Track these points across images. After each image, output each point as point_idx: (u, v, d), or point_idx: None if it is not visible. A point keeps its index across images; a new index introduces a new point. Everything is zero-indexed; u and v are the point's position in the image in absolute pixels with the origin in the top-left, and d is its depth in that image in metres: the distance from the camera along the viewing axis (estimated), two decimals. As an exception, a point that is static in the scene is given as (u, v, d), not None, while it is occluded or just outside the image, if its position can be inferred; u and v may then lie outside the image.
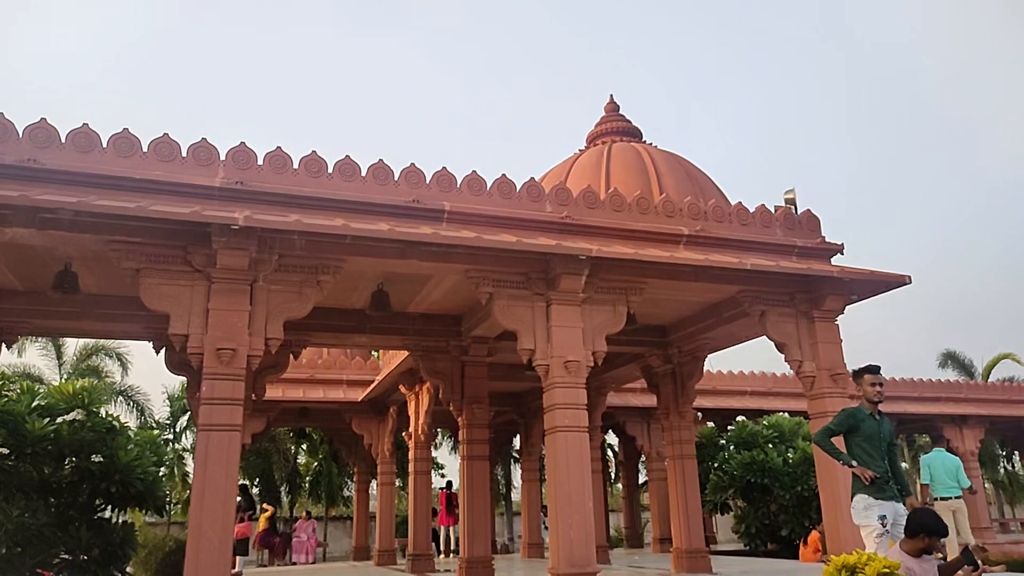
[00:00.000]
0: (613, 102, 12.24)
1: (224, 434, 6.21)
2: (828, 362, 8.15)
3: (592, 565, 6.97)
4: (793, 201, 9.27)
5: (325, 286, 6.98)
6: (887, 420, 5.44)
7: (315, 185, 7.15)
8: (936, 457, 9.48)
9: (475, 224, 7.49)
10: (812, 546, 12.41)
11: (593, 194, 8.16)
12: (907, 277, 8.31)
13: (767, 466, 14.37)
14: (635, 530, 20.79)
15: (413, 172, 7.55)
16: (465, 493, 10.10)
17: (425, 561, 12.21)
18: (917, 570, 4.28)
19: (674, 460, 10.95)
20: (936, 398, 19.80)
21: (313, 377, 14.45)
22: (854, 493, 5.17)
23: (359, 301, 9.02)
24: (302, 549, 18.66)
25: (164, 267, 6.49)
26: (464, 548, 9.97)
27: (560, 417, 7.22)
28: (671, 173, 10.21)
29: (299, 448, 25.36)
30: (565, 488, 7.04)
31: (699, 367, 11.06)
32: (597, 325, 7.64)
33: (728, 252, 8.21)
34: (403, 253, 7.02)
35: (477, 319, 9.38)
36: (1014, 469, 31.89)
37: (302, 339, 9.61)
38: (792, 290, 8.38)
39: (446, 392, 10.28)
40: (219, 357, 6.29)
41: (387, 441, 14.86)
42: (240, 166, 6.95)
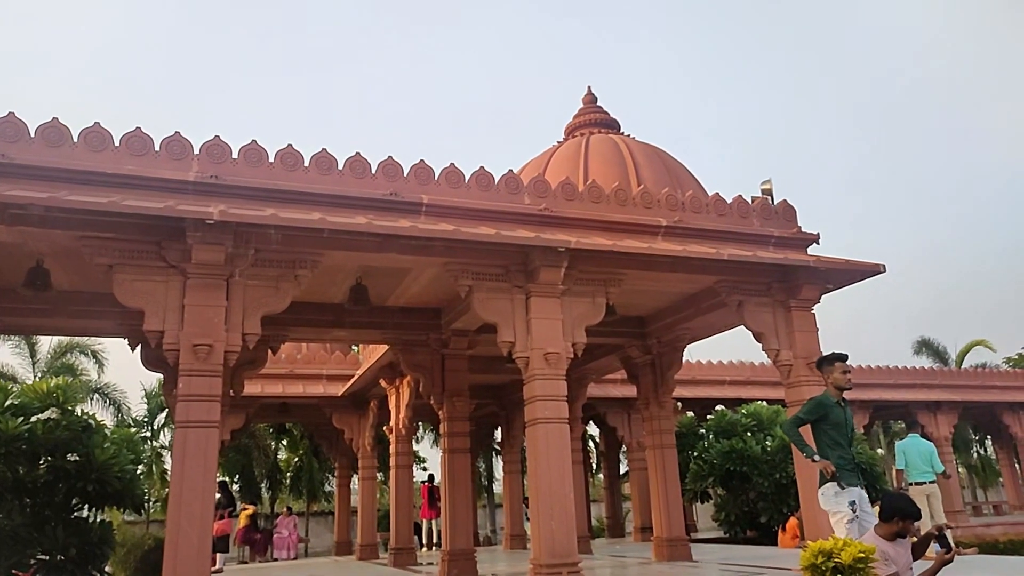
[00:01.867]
0: (591, 94, 12.24)
1: (202, 431, 6.16)
2: (805, 350, 8.24)
3: (574, 556, 7.01)
4: (770, 192, 9.34)
5: (303, 280, 6.93)
6: (850, 408, 5.55)
7: (291, 179, 7.08)
8: (911, 443, 9.64)
9: (454, 217, 7.47)
10: (790, 532, 12.59)
11: (571, 186, 8.16)
12: (881, 266, 8.43)
13: (746, 454, 14.52)
14: (616, 520, 20.94)
15: (390, 165, 7.51)
16: (447, 486, 10.10)
17: (407, 555, 12.21)
18: (892, 553, 4.35)
19: (654, 450, 11.03)
20: (911, 385, 20.13)
21: (292, 372, 14.36)
22: (823, 480, 5.24)
23: (338, 295, 8.97)
24: (283, 545, 18.57)
25: (138, 263, 6.40)
26: (446, 541, 9.98)
27: (540, 409, 7.24)
28: (649, 164, 10.25)
29: (279, 444, 25.23)
30: (546, 480, 7.07)
31: (678, 357, 11.13)
32: (576, 317, 7.67)
33: (706, 243, 8.26)
34: (381, 246, 6.99)
35: (457, 312, 9.37)
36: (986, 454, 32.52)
37: (280, 334, 9.53)
38: (769, 280, 8.45)
39: (426, 385, 10.26)
40: (195, 353, 6.23)
41: (368, 435, 14.82)
42: (215, 160, 6.87)
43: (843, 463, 5.16)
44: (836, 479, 5.11)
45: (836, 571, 3.93)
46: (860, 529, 4.88)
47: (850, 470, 5.16)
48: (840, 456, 5.18)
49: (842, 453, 5.20)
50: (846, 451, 5.24)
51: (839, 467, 5.14)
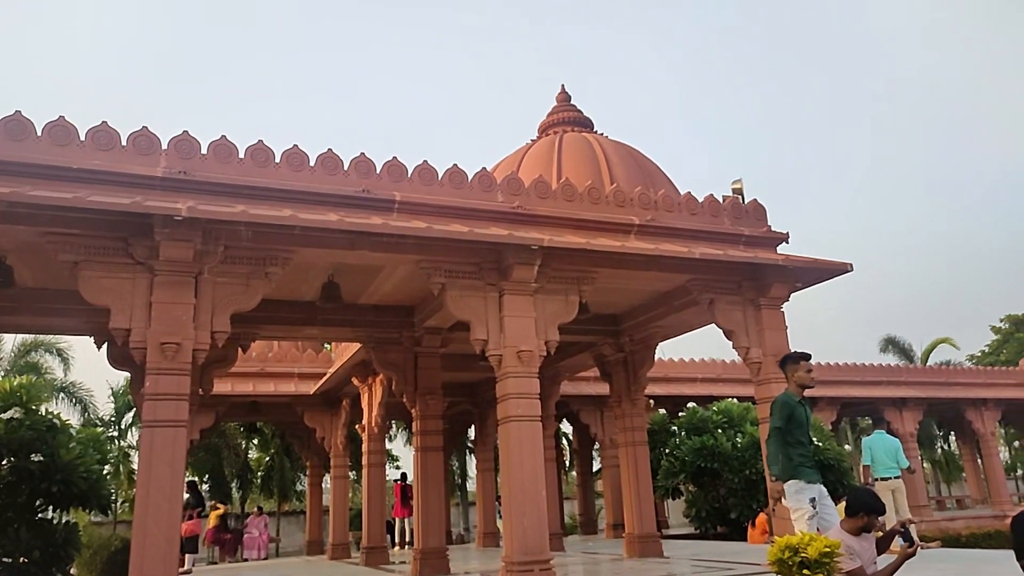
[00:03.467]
0: (565, 92, 12.28)
1: (169, 430, 6.07)
2: (774, 348, 8.34)
3: (545, 553, 7.03)
4: (741, 191, 9.44)
5: (273, 278, 6.86)
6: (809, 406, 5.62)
7: (262, 175, 7.00)
8: (877, 439, 9.81)
9: (426, 214, 7.44)
10: (760, 528, 12.74)
11: (545, 184, 8.18)
12: (849, 265, 8.56)
13: (717, 451, 14.66)
14: (589, 517, 21.05)
15: (363, 162, 7.46)
16: (419, 484, 10.08)
17: (380, 553, 12.16)
18: (857, 548, 4.42)
19: (626, 447, 11.11)
20: (877, 382, 20.51)
21: (263, 370, 14.23)
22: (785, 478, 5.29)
23: (309, 293, 8.90)
24: (254, 545, 18.39)
25: (104, 259, 6.29)
26: (418, 539, 9.96)
27: (513, 407, 7.25)
28: (622, 163, 10.31)
29: (250, 443, 24.98)
30: (518, 477, 7.08)
31: (651, 355, 11.22)
32: (549, 315, 7.69)
33: (678, 241, 8.33)
34: (353, 244, 6.94)
35: (430, 310, 9.34)
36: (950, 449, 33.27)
37: (251, 332, 9.45)
38: (739, 278, 8.55)
39: (399, 384, 10.22)
40: (163, 351, 6.14)
41: (340, 434, 14.73)
42: (183, 155, 6.77)
43: (804, 460, 5.23)
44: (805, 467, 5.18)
45: (803, 566, 3.99)
46: (820, 525, 4.96)
47: (811, 467, 5.23)
48: (801, 454, 5.25)
49: (803, 451, 5.27)
50: (807, 448, 5.31)
51: (800, 464, 5.20)
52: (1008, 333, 40.15)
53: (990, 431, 22.02)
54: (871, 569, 4.48)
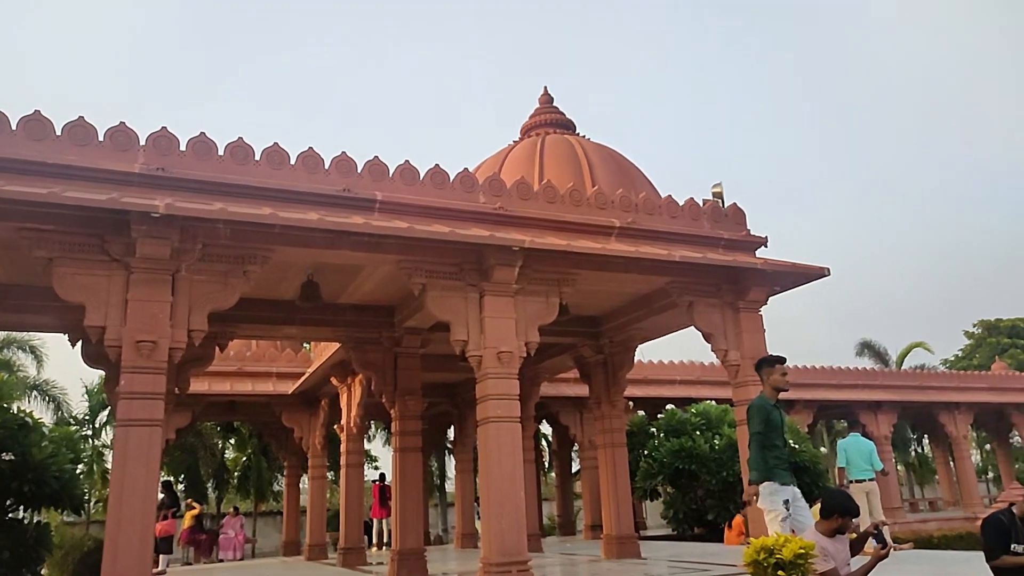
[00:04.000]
0: (547, 94, 12.30)
1: (144, 429, 6.00)
2: (752, 351, 8.40)
3: (523, 554, 7.04)
4: (720, 195, 9.52)
5: (252, 276, 6.81)
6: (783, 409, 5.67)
7: (241, 173, 6.95)
8: (852, 441, 9.91)
9: (407, 214, 7.42)
10: (736, 530, 12.83)
11: (526, 185, 8.19)
12: (826, 269, 8.66)
13: (694, 453, 14.75)
14: (568, 518, 21.09)
15: (344, 161, 7.43)
16: (398, 485, 10.04)
17: (357, 554, 12.10)
18: (831, 549, 4.47)
19: (605, 448, 11.14)
20: (853, 385, 20.75)
21: (241, 370, 14.11)
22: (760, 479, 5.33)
23: (288, 292, 8.84)
24: (229, 546, 18.21)
25: (79, 256, 6.21)
26: (396, 540, 9.92)
27: (493, 408, 7.25)
28: (603, 165, 10.35)
29: (227, 443, 24.74)
30: (497, 478, 7.08)
31: (630, 357, 11.27)
32: (530, 316, 7.70)
33: (658, 244, 8.37)
34: (333, 243, 6.91)
35: (410, 310, 9.32)
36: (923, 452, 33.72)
37: (228, 331, 9.36)
38: (719, 281, 8.61)
39: (378, 384, 10.18)
40: (138, 350, 6.07)
41: (318, 434, 14.64)
42: (161, 152, 6.70)
43: (778, 463, 5.27)
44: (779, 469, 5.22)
45: (777, 567, 4.02)
46: (793, 526, 5.00)
47: (784, 469, 5.28)
48: (775, 456, 5.29)
49: (777, 453, 5.32)
50: (781, 451, 5.36)
51: (774, 467, 5.25)
52: (981, 338, 40.83)
53: (962, 434, 22.36)
54: (845, 570, 4.53)
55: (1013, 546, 4.72)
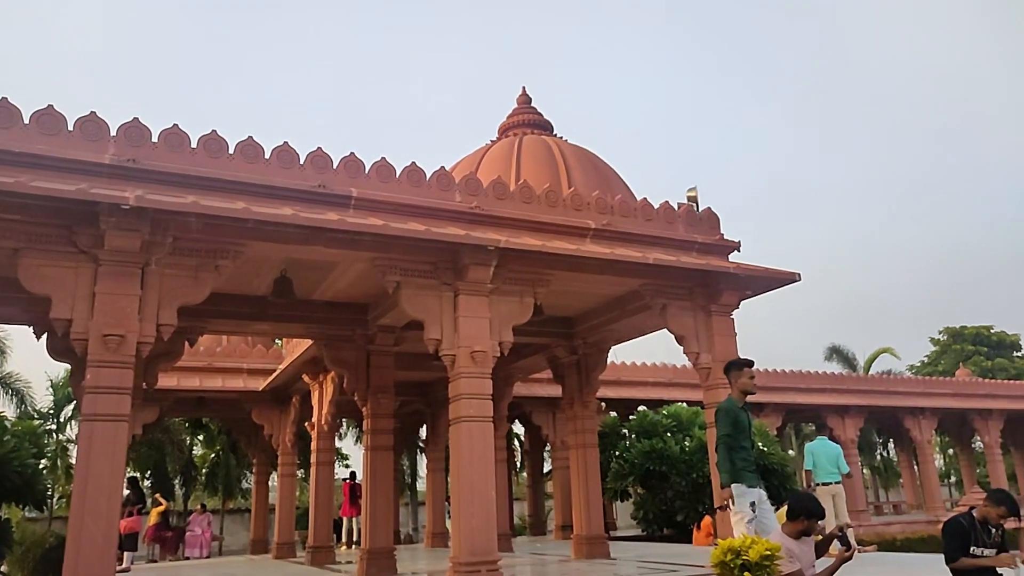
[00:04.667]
0: (525, 94, 12.32)
1: (110, 424, 5.90)
2: (723, 354, 8.48)
3: (493, 554, 7.04)
4: (695, 199, 9.60)
5: (224, 271, 6.73)
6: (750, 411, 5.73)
7: (215, 166, 6.86)
8: (819, 445, 10.05)
9: (383, 212, 7.39)
10: (705, 531, 12.95)
11: (503, 185, 8.19)
12: (797, 274, 8.78)
13: (665, 454, 14.85)
14: (539, 518, 21.13)
15: (319, 156, 7.37)
16: (368, 484, 9.98)
17: (326, 553, 12.01)
18: (796, 551, 4.54)
19: (577, 449, 11.18)
20: (821, 389, 21.04)
21: (211, 365, 13.93)
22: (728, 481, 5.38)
23: (261, 287, 8.75)
24: (196, 543, 17.99)
25: (46, 247, 6.09)
26: (366, 539, 9.86)
27: (465, 407, 7.24)
28: (580, 167, 10.39)
29: (195, 439, 24.43)
30: (468, 478, 7.08)
31: (603, 358, 11.32)
32: (504, 316, 7.70)
33: (632, 246, 8.42)
34: (307, 239, 6.85)
35: (384, 308, 9.27)
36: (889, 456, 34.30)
37: (199, 326, 9.25)
38: (692, 284, 8.68)
39: (351, 381, 10.12)
40: (105, 343, 5.96)
41: (289, 431, 14.50)
42: (133, 143, 6.59)
43: (745, 465, 5.33)
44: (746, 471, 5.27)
45: (744, 568, 4.07)
46: (759, 528, 5.06)
47: (752, 472, 5.34)
48: (743, 459, 5.35)
49: (745, 455, 5.38)
50: (748, 453, 5.43)
51: (742, 469, 5.31)
52: (946, 345, 41.63)
53: (926, 439, 22.78)
54: (810, 572, 4.60)
55: (973, 549, 4.82)
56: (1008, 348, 40.45)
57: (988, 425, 23.73)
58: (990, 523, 4.87)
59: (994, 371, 36.76)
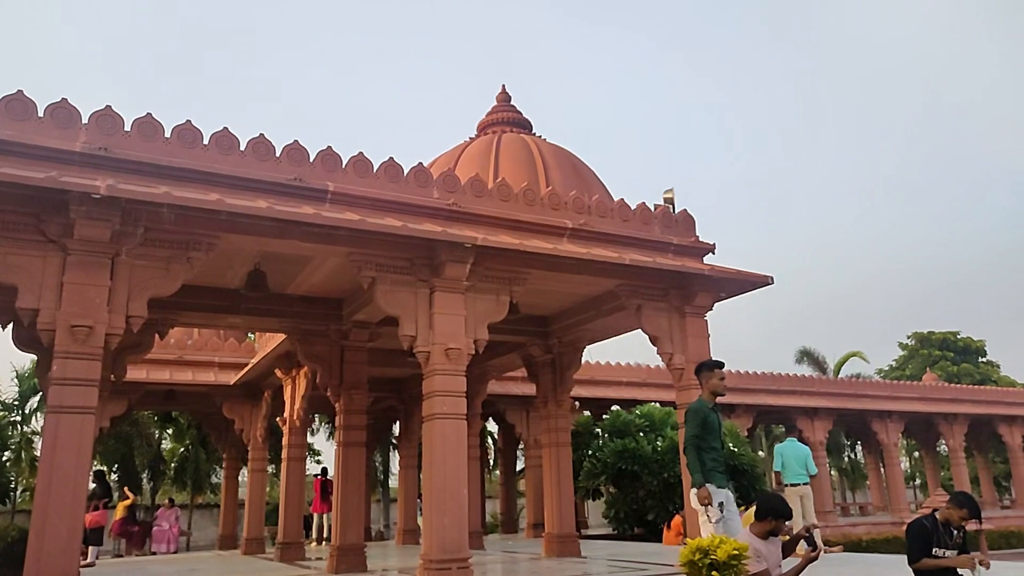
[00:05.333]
0: (505, 92, 12.32)
1: (76, 417, 5.81)
2: (696, 355, 8.55)
3: (464, 551, 7.04)
4: (671, 200, 9.67)
5: (196, 263, 6.65)
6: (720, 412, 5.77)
7: (189, 156, 6.77)
8: (788, 446, 10.17)
9: (360, 207, 7.34)
10: (675, 530, 13.05)
11: (481, 183, 8.18)
12: (770, 278, 8.88)
13: (637, 454, 14.94)
14: (511, 516, 21.15)
15: (296, 149, 7.30)
16: (340, 480, 9.93)
17: (295, 549, 11.92)
18: (764, 551, 4.59)
19: (550, 448, 11.21)
20: (792, 391, 21.30)
21: (182, 358, 13.75)
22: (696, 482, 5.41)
23: (234, 280, 8.66)
24: (163, 538, 17.76)
25: (13, 235, 5.98)
26: (336, 535, 9.80)
27: (439, 404, 7.22)
28: (558, 167, 10.41)
29: (164, 433, 24.10)
30: (440, 475, 7.07)
31: (578, 357, 11.36)
32: (480, 313, 7.69)
33: (609, 247, 8.46)
34: (282, 233, 6.79)
35: (359, 303, 9.22)
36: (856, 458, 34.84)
37: (169, 318, 9.13)
38: (667, 286, 8.74)
39: (324, 377, 10.05)
40: (73, 334, 5.87)
41: (260, 426, 14.36)
42: (105, 131, 6.48)
43: (715, 465, 5.38)
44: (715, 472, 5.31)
45: (712, 567, 4.11)
46: (725, 528, 5.10)
47: (720, 472, 5.39)
48: (712, 459, 5.40)
49: (714, 456, 5.43)
50: (718, 453, 5.47)
51: (712, 469, 5.35)
52: (913, 349, 42.37)
53: (893, 442, 23.16)
54: (776, 572, 4.66)
55: (935, 550, 4.92)
56: (974, 354, 41.27)
57: (953, 429, 24.19)
58: (952, 525, 4.97)
59: (960, 376, 37.48)
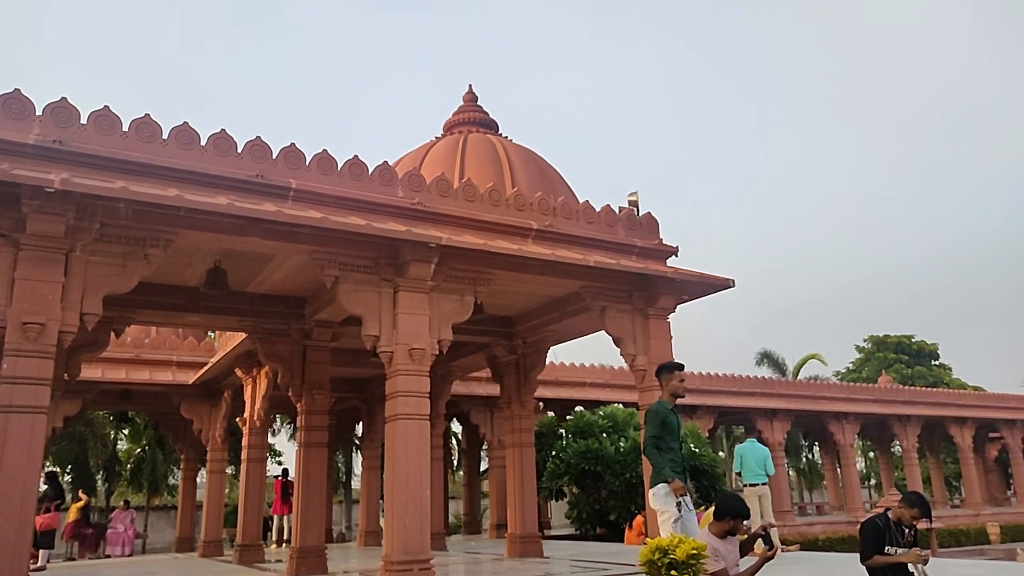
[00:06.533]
0: (472, 92, 12.29)
1: (27, 416, 5.65)
2: (659, 357, 8.60)
3: (426, 552, 7.01)
4: (636, 203, 9.75)
5: (154, 260, 6.52)
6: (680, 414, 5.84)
7: (147, 151, 6.62)
8: (748, 447, 10.32)
9: (323, 204, 7.26)
10: (636, 530, 13.16)
11: (446, 182, 8.16)
12: (731, 281, 9.00)
13: (600, 454, 15.03)
14: (474, 516, 21.14)
15: (258, 146, 7.20)
16: (301, 481, 9.81)
17: (254, 552, 11.74)
18: (722, 550, 4.66)
19: (513, 448, 11.22)
20: (752, 393, 21.64)
21: (138, 357, 13.47)
22: (656, 481, 5.48)
23: (193, 278, 8.51)
24: (118, 541, 17.35)
25: (-39, 229, 5.79)
26: (296, 537, 9.68)
27: (402, 405, 7.18)
28: (524, 167, 10.42)
29: (120, 433, 23.59)
30: (403, 476, 7.02)
31: (542, 358, 11.38)
32: (444, 314, 7.67)
33: (574, 248, 8.50)
34: (243, 230, 6.68)
35: (322, 302, 9.12)
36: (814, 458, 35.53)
37: (126, 316, 8.93)
38: (630, 288, 8.81)
39: (285, 377, 9.92)
40: (24, 332, 5.70)
41: (219, 427, 14.13)
42: (60, 123, 6.31)
43: (674, 466, 5.44)
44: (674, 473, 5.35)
45: (671, 567, 4.16)
46: (683, 528, 5.16)
47: (679, 472, 5.44)
48: (671, 460, 5.46)
49: (673, 456, 5.49)
50: (677, 454, 5.54)
51: (671, 470, 5.40)
52: (870, 352, 43.33)
53: (849, 443, 23.67)
54: (734, 570, 4.73)
55: (887, 548, 5.03)
56: (927, 357, 42.35)
57: (906, 430, 24.81)
58: (904, 524, 5.09)
59: (914, 378, 38.44)
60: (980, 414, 26.14)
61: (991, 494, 30.93)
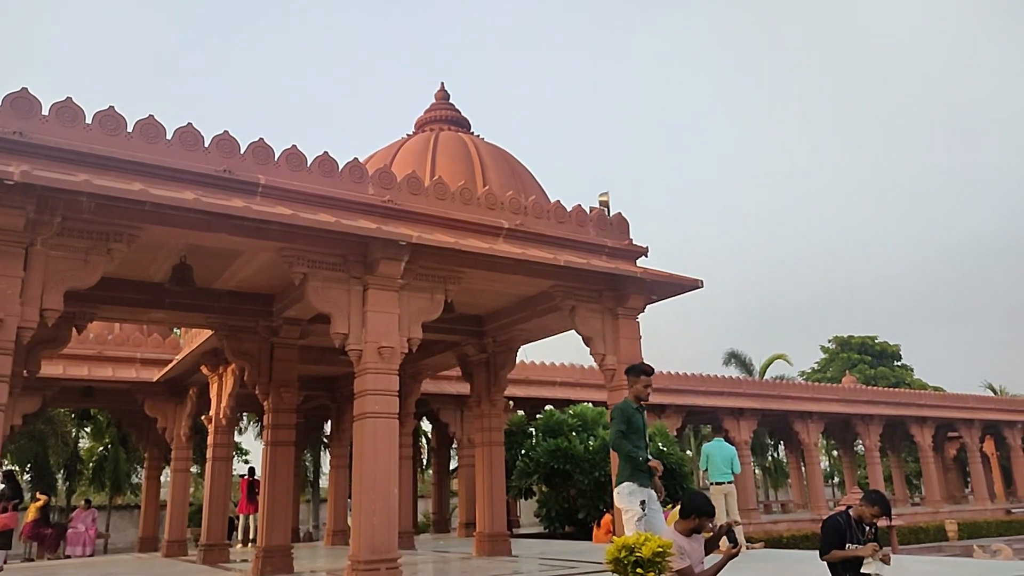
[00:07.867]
0: (444, 90, 12.26)
1: (-17, 414, 5.51)
2: (628, 356, 8.69)
3: (393, 551, 6.97)
4: (607, 203, 9.81)
5: (117, 255, 6.40)
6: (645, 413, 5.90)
7: (111, 144, 6.50)
8: (715, 446, 10.45)
9: (292, 201, 7.19)
10: (604, 528, 13.24)
11: (417, 180, 8.13)
12: (700, 281, 9.10)
13: (570, 453, 15.09)
14: (443, 515, 21.09)
15: (226, 140, 7.10)
16: (267, 480, 9.70)
17: (219, 551, 11.58)
18: (687, 548, 4.70)
19: (483, 447, 11.22)
20: (719, 392, 21.91)
21: (101, 354, 13.22)
22: (621, 480, 5.53)
23: (158, 274, 8.37)
24: (79, 541, 16.99)
25: (-84, 221, 5.63)
26: (262, 537, 9.58)
27: (371, 403, 7.14)
28: (495, 166, 10.42)
29: (81, 431, 23.13)
30: (371, 475, 6.98)
31: (512, 357, 11.39)
32: (414, 312, 7.64)
33: (544, 247, 8.52)
34: (210, 226, 6.59)
35: (290, 300, 9.03)
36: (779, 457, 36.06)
37: (88, 311, 8.75)
38: (600, 287, 8.86)
39: (252, 374, 9.80)
40: (-19, 328, 5.56)
41: (184, 425, 13.91)
42: (21, 115, 6.16)
43: (639, 464, 5.49)
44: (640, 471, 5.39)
45: (637, 564, 4.19)
46: (647, 526, 5.20)
47: (644, 471, 5.49)
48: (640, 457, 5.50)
49: (641, 455, 5.54)
50: (643, 452, 5.59)
51: (636, 468, 5.44)
52: (834, 353, 44.12)
53: (813, 442, 24.07)
54: (699, 568, 4.78)
55: (848, 545, 5.14)
56: (890, 357, 43.24)
57: (869, 429, 25.30)
58: (865, 522, 5.20)
59: (876, 379, 39.23)
60: (940, 414, 26.75)
61: (950, 492, 31.69)
